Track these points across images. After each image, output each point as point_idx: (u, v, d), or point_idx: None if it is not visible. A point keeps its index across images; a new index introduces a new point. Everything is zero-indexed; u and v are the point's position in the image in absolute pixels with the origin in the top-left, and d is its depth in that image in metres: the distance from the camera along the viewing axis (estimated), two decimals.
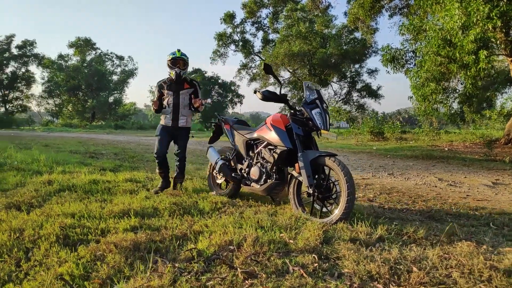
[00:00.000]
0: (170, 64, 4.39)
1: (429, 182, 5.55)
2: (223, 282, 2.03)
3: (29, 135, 20.05)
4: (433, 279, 2.09)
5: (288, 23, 28.92)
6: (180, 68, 4.37)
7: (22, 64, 43.22)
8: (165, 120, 4.48)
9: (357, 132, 17.34)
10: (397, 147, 12.14)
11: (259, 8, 33.11)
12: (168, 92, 4.44)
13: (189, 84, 4.50)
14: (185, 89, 4.45)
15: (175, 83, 4.42)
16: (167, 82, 4.48)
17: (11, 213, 3.35)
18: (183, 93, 4.44)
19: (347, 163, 8.07)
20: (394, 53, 11.09)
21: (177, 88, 4.43)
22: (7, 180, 5.09)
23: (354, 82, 33.38)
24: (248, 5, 32.36)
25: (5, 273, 2.09)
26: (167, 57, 4.42)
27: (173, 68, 4.36)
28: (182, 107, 4.44)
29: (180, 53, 4.40)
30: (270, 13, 33.89)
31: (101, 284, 1.95)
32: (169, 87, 4.45)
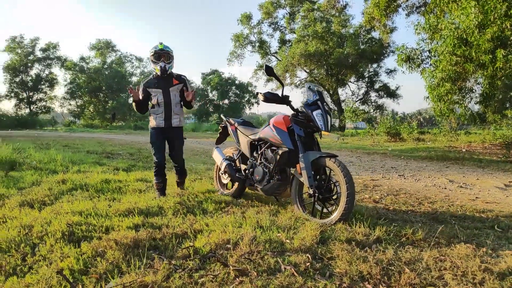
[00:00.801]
0: (153, 59, 4.08)
1: (439, 184, 5.47)
2: (215, 279, 2.09)
3: (51, 136, 20.67)
4: (424, 281, 2.10)
5: (305, 23, 28.83)
6: (165, 62, 4.05)
7: (45, 66, 44.58)
8: (157, 121, 4.14)
9: (373, 132, 17.13)
10: (413, 148, 11.95)
11: (276, 9, 33.13)
12: (156, 91, 4.09)
13: (178, 79, 4.19)
14: (175, 85, 4.14)
15: (163, 79, 4.10)
16: (153, 80, 4.14)
17: (23, 211, 3.52)
18: (173, 90, 4.13)
19: (359, 164, 8.02)
20: (409, 53, 10.93)
21: (165, 85, 4.10)
22: (24, 179, 5.31)
23: (372, 82, 33.00)
24: (265, 6, 32.43)
25: (11, 267, 2.22)
26: (149, 52, 4.13)
27: (157, 63, 4.04)
28: (174, 104, 4.12)
29: (163, 46, 4.08)
30: (287, 14, 33.86)
31: (98, 279, 2.04)
32: (157, 84, 4.10)
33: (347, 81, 31.93)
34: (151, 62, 4.12)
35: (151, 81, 4.15)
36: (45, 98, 45.65)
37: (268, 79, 34.55)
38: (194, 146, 13.39)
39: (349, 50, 26.71)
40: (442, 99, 9.31)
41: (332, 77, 30.31)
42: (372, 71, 32.69)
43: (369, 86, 33.27)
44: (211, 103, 44.64)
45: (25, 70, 43.09)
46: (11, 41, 42.15)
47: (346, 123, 30.14)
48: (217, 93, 44.10)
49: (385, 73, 32.32)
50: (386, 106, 33.52)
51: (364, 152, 10.95)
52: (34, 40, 43.16)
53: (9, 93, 42.98)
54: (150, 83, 4.14)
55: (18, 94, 43.45)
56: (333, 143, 15.29)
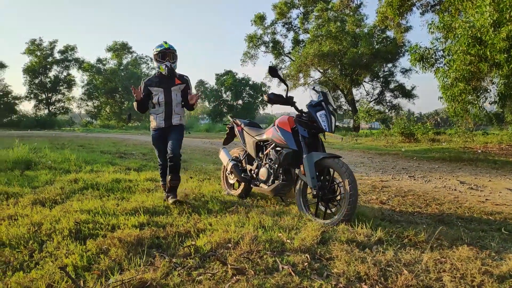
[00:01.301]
0: (158, 58, 3.97)
1: (449, 185, 5.40)
2: (213, 277, 2.13)
3: (68, 136, 21.12)
4: (421, 282, 2.10)
5: (318, 23, 28.71)
6: (170, 62, 3.97)
7: (64, 68, 45.50)
8: (157, 121, 4.05)
9: (387, 133, 16.94)
10: (427, 149, 11.78)
11: (290, 9, 33.09)
12: (157, 89, 3.99)
13: (180, 79, 4.08)
14: (177, 84, 4.04)
15: (165, 78, 4.00)
16: (155, 79, 4.04)
17: (35, 209, 3.63)
18: (175, 90, 4.03)
19: (370, 165, 7.96)
20: (423, 52, 10.78)
21: (167, 84, 4.00)
22: (39, 178, 5.46)
23: (387, 82, 32.67)
24: (279, 6, 32.42)
25: (18, 262, 2.31)
26: (153, 51, 4.01)
27: (162, 62, 3.95)
28: (175, 104, 4.01)
29: (168, 45, 3.98)
30: (300, 14, 33.78)
31: (99, 275, 2.11)
32: (159, 83, 4.00)
33: (361, 81, 31.67)
34: (154, 61, 4.05)
35: (153, 79, 4.06)
36: (63, 99, 46.60)
37: None
38: (207, 146, 13.49)
39: (363, 50, 26.47)
40: (456, 99, 9.15)
41: (346, 77, 30.09)
42: (387, 70, 32.37)
43: (384, 86, 32.94)
44: (225, 104, 44.81)
45: (44, 72, 44.10)
46: (30, 43, 43.21)
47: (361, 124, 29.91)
48: (231, 94, 44.26)
49: (400, 72, 31.95)
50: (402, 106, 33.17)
51: (376, 152, 10.85)
52: (53, 43, 44.15)
53: (28, 94, 44.05)
54: (151, 81, 4.04)
55: (37, 95, 44.49)
56: (346, 144, 15.20)
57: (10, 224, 3.04)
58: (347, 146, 14.02)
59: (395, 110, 32.79)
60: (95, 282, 2.01)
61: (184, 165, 7.47)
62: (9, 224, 3.05)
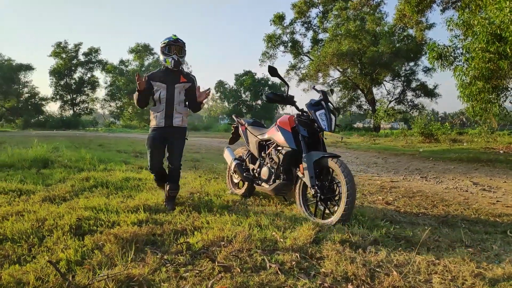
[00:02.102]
0: (165, 50, 3.72)
1: (461, 187, 5.25)
2: (199, 274, 2.16)
3: (90, 136, 21.70)
4: (408, 283, 2.06)
5: (337, 22, 28.43)
6: (178, 55, 3.71)
7: (88, 69, 46.83)
8: (156, 120, 3.76)
9: (406, 133, 16.61)
10: (446, 149, 11.48)
11: (309, 8, 32.92)
12: (160, 85, 3.72)
13: (186, 78, 3.82)
14: (182, 82, 3.77)
15: (170, 74, 3.76)
16: (159, 74, 3.80)
17: (44, 205, 3.76)
18: (179, 87, 3.76)
19: (383, 165, 7.84)
20: (441, 50, 10.53)
21: (171, 80, 3.74)
22: (53, 176, 5.65)
23: (409, 81, 32.04)
24: (298, 5, 32.31)
25: (17, 256, 2.40)
26: (161, 43, 3.75)
27: (169, 55, 3.69)
28: (177, 102, 3.75)
29: (177, 38, 3.74)
30: (319, 13, 33.55)
31: (90, 270, 2.17)
32: (162, 78, 3.74)
33: (381, 80, 31.14)
34: (161, 54, 3.78)
35: (157, 73, 3.81)
36: (87, 100, 47.94)
37: (301, 78, 34.40)
38: (222, 146, 13.59)
39: (383, 49, 26.04)
40: (475, 98, 8.89)
41: (366, 76, 29.68)
42: (408, 69, 31.73)
43: (405, 85, 32.30)
44: (244, 104, 45.00)
45: (69, 73, 45.48)
46: (56, 46, 44.67)
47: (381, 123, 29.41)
48: (250, 94, 44.41)
49: (422, 71, 31.29)
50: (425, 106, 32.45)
51: (392, 153, 10.66)
52: (78, 45, 45.50)
53: (54, 96, 45.57)
54: (155, 75, 3.78)
55: (62, 96, 45.93)
56: (363, 144, 15.01)
57: (16, 220, 3.16)
58: (364, 146, 13.84)
59: (417, 109, 32.11)
60: (85, 276, 2.07)
61: (196, 164, 7.58)
62: (15, 219, 3.18)
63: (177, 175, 3.84)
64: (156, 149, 3.79)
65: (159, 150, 3.81)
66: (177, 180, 3.85)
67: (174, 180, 3.81)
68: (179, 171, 3.85)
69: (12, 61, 42.66)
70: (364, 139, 17.41)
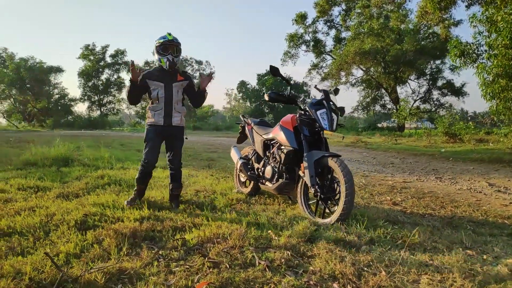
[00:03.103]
0: (160, 50, 3.65)
1: (475, 188, 5.10)
2: (189, 269, 2.22)
3: (114, 135, 22.31)
4: (393, 283, 2.05)
5: (360, 20, 28.01)
6: (173, 55, 3.65)
7: (114, 71, 48.03)
8: (155, 118, 3.70)
9: (428, 132, 16.19)
10: (469, 149, 11.13)
11: (331, 7, 32.58)
12: (157, 84, 3.68)
13: (183, 75, 3.79)
14: (179, 81, 3.74)
15: (167, 73, 3.69)
16: (155, 73, 3.73)
17: (56, 202, 3.93)
18: (177, 86, 3.72)
19: (399, 166, 7.70)
20: (463, 47, 10.22)
21: (169, 79, 3.69)
22: (71, 174, 5.88)
23: (435, 79, 31.15)
24: (320, 4, 32.02)
25: (22, 248, 2.54)
26: (156, 42, 3.69)
27: (164, 55, 3.62)
28: (175, 101, 3.71)
29: (172, 37, 3.67)
30: (342, 11, 33.17)
31: (86, 263, 2.28)
32: (159, 78, 3.69)
33: (405, 79, 30.42)
34: (155, 54, 3.70)
35: (153, 72, 3.74)
36: (114, 100, 49.16)
37: (323, 78, 34.08)
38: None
39: (407, 47, 25.46)
40: (498, 97, 8.58)
41: (389, 75, 29.10)
42: (434, 67, 30.86)
43: (431, 84, 31.45)
44: (266, 104, 44.98)
45: (96, 75, 46.81)
46: (85, 48, 46.09)
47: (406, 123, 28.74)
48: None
49: (449, 69, 30.35)
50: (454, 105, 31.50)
51: (411, 153, 10.44)
52: (105, 47, 46.77)
53: (83, 96, 47.00)
54: (151, 74, 3.71)
55: (90, 97, 47.33)
56: (383, 144, 14.74)
57: (28, 215, 3.33)
58: (384, 146, 13.60)
59: (443, 108, 31.21)
60: (80, 268, 2.17)
61: (210, 164, 7.68)
62: (27, 214, 3.35)
63: (179, 174, 3.89)
64: (154, 144, 3.75)
65: (157, 146, 3.78)
66: (179, 179, 3.90)
67: (176, 179, 3.86)
68: (180, 170, 3.90)
69: (43, 64, 44.36)
70: (386, 139, 17.08)
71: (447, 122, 16.05)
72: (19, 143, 12.44)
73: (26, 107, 45.35)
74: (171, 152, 3.84)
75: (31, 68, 42.88)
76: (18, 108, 45.66)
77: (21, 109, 45.80)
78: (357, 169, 7.13)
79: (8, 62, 42.21)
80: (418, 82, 32.03)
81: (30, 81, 43.39)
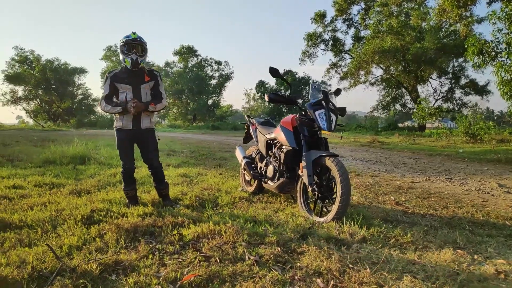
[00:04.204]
0: (124, 50, 3.55)
1: (484, 188, 5.03)
2: (181, 262, 2.33)
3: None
4: (374, 280, 2.10)
5: (379, 18, 27.63)
6: (137, 55, 3.55)
7: None
8: (123, 122, 3.61)
9: (448, 133, 15.84)
10: (488, 150, 10.84)
11: (350, 5, 32.27)
12: (125, 87, 3.57)
13: (149, 75, 3.70)
14: (147, 82, 3.65)
15: (133, 74, 3.60)
16: (122, 75, 3.61)
17: (68, 198, 4.13)
18: (144, 87, 3.64)
19: (411, 166, 7.62)
20: (481, 45, 10.00)
21: (136, 81, 3.60)
22: (86, 171, 6.12)
23: (457, 78, 30.37)
24: (338, 3, 31.78)
25: (30, 240, 2.71)
26: (120, 41, 3.59)
27: (128, 55, 3.52)
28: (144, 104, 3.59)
29: (136, 36, 3.57)
30: (361, 9, 32.78)
31: (85, 254, 2.42)
32: (126, 80, 3.58)
33: (426, 78, 29.77)
34: (120, 53, 3.61)
35: (119, 74, 3.62)
36: None
37: (342, 77, 33.78)
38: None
39: (427, 45, 24.94)
40: None
41: (410, 73, 28.58)
42: (457, 66, 30.10)
43: (453, 83, 30.69)
44: None
45: None
46: (107, 50, 47.29)
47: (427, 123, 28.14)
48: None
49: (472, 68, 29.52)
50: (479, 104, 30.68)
51: (427, 153, 10.28)
52: None
53: None
54: (118, 77, 3.61)
55: None
56: (400, 144, 14.54)
57: (40, 209, 3.53)
58: (401, 146, 13.41)
59: (466, 107, 30.42)
60: (78, 259, 2.32)
61: (222, 163, 7.80)
62: (39, 209, 3.55)
63: (161, 174, 3.87)
64: (127, 150, 3.72)
65: (130, 150, 3.75)
66: (163, 179, 3.89)
67: (159, 179, 3.86)
68: (161, 169, 3.89)
69: (67, 65, 45.75)
70: (403, 139, 16.81)
71: (467, 121, 15.66)
72: (42, 142, 12.95)
73: (51, 107, 46.91)
74: (147, 154, 3.81)
75: (56, 70, 44.34)
76: (44, 108, 47.24)
77: (47, 109, 47.38)
78: (368, 169, 7.10)
79: (34, 63, 43.75)
80: (440, 81, 31.34)
81: (55, 82, 44.86)
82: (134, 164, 3.82)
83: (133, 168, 3.80)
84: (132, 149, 3.78)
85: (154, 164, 3.85)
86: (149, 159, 3.83)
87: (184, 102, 52.18)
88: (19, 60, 43.14)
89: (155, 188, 3.95)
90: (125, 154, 3.73)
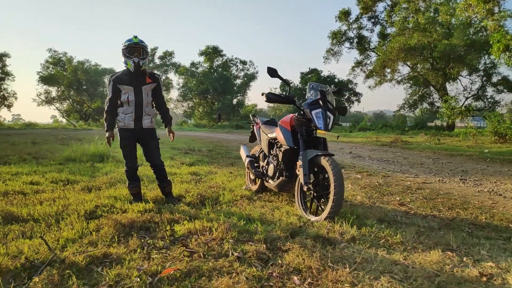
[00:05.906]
0: (126, 53, 3.73)
1: (497, 190, 4.85)
2: (166, 257, 2.42)
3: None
4: (349, 279, 2.10)
5: (405, 15, 26.94)
6: (139, 58, 3.74)
7: (163, 72, 50.16)
8: (126, 121, 3.81)
9: (474, 132, 15.29)
10: None
11: (375, 3, 31.59)
12: (127, 88, 3.77)
13: (151, 78, 3.89)
14: (148, 83, 3.84)
15: (135, 76, 3.79)
16: (124, 76, 3.81)
17: (78, 194, 4.33)
18: (146, 88, 3.83)
19: (427, 166, 7.44)
20: (508, 41, 9.61)
21: (138, 82, 3.79)
22: (103, 169, 6.36)
23: (489, 75, 29.14)
24: (363, 1, 31.17)
25: (32, 232, 2.88)
26: (122, 45, 3.77)
27: (130, 58, 3.71)
28: (145, 104, 3.82)
29: (138, 40, 3.75)
30: (387, 6, 32.04)
31: (77, 248, 2.55)
32: (128, 81, 3.77)
33: (455, 75, 28.73)
34: (122, 57, 3.78)
35: (121, 76, 3.82)
36: None
37: (367, 75, 33.15)
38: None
39: (456, 41, 24.08)
40: None
41: (438, 71, 27.69)
42: (488, 63, 28.88)
43: (484, 80, 29.48)
44: None
45: None
46: None
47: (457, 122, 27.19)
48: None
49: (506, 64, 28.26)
50: None
51: (448, 153, 9.98)
52: (154, 49, 48.92)
53: None
54: (120, 79, 3.81)
55: None
56: (424, 143, 14.17)
57: (49, 204, 3.72)
58: (423, 146, 13.07)
59: (499, 105, 29.16)
60: (74, 251, 2.45)
61: (234, 162, 7.90)
62: (48, 204, 3.74)
63: (163, 172, 4.03)
64: (130, 148, 3.90)
65: (133, 149, 3.93)
66: (166, 177, 4.05)
67: (162, 177, 4.02)
68: (163, 168, 4.04)
69: (98, 66, 47.34)
70: (428, 139, 16.35)
71: (496, 120, 15.05)
72: (69, 141, 13.51)
73: (83, 107, 48.66)
74: (148, 153, 3.97)
75: (87, 71, 45.99)
76: (76, 108, 49.12)
77: (78, 108, 49.23)
78: (382, 169, 7.00)
79: (67, 65, 45.54)
80: (470, 79, 30.16)
81: (86, 83, 46.52)
82: (137, 163, 3.98)
83: (136, 166, 3.95)
84: (134, 147, 3.95)
85: (156, 162, 3.99)
86: (151, 158, 3.98)
87: (209, 102, 52.82)
88: (52, 62, 45.04)
89: (158, 186, 4.10)
90: (128, 153, 3.91)
